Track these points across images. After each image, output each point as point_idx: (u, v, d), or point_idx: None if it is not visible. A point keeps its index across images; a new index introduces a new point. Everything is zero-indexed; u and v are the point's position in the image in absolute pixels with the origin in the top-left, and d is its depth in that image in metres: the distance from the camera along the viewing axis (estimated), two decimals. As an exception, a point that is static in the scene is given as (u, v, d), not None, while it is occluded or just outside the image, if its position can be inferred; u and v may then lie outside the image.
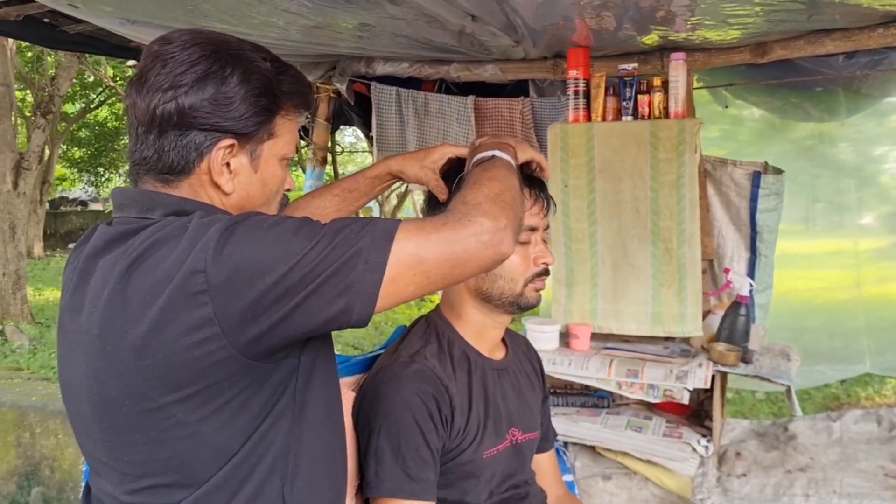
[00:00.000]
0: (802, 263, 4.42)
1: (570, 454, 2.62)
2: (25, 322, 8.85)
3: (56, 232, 21.42)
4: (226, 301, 0.97)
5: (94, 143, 20.70)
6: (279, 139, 1.17)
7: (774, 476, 2.48)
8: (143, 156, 1.11)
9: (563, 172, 2.74)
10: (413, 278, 1.04)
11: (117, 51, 3.11)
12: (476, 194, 1.13)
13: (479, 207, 1.09)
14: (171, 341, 0.98)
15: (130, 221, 1.09)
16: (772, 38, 2.58)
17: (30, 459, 3.58)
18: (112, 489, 1.10)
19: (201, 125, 1.09)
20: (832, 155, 4.00)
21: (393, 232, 1.03)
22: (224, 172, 1.12)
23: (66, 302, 1.14)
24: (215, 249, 0.98)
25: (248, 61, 1.12)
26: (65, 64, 10.39)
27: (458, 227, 1.05)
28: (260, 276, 0.98)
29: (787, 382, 2.41)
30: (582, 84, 2.72)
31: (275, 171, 1.19)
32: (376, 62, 3.13)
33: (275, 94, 1.14)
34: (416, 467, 1.34)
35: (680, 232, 2.61)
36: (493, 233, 1.07)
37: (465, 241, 1.05)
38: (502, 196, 1.14)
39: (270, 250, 0.99)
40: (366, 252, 1.01)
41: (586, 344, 2.70)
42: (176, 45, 1.10)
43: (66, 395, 1.16)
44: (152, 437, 1.04)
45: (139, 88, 1.10)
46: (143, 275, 1.00)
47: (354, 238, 1.01)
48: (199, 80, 1.08)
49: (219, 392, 1.02)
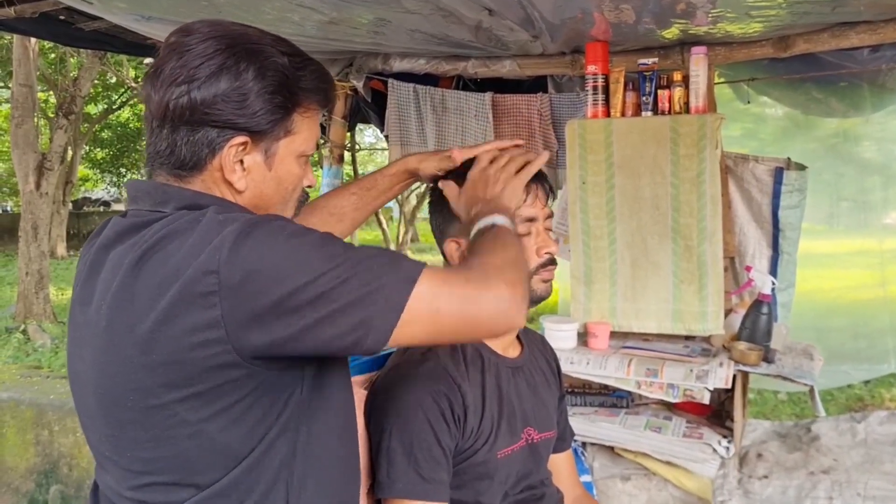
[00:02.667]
0: (826, 263, 4.36)
1: (589, 454, 2.59)
2: (48, 321, 8.95)
3: (79, 232, 21.63)
4: (235, 305, 0.95)
5: (117, 143, 20.92)
6: (297, 136, 1.15)
7: (797, 478, 2.43)
8: (157, 149, 1.10)
9: (581, 169, 2.71)
10: (425, 327, 1.02)
11: (134, 48, 3.12)
12: (495, 259, 1.11)
13: (501, 273, 1.08)
14: (177, 338, 0.96)
15: (143, 214, 1.08)
16: (795, 31, 2.53)
17: (48, 457, 3.59)
18: (116, 484, 1.09)
19: (214, 121, 1.07)
20: (857, 153, 3.94)
21: (416, 276, 1.01)
22: (236, 170, 1.10)
23: (76, 294, 1.13)
24: (230, 251, 0.95)
25: (264, 56, 1.09)
26: (86, 65, 10.49)
27: (480, 289, 1.04)
28: (274, 286, 0.95)
29: (810, 382, 2.37)
30: (601, 79, 2.68)
31: (291, 168, 1.16)
32: (393, 58, 3.11)
33: (292, 90, 1.12)
34: (429, 467, 1.32)
35: (701, 229, 2.57)
36: (510, 301, 1.06)
37: (484, 304, 1.04)
38: (518, 265, 1.13)
39: (288, 260, 0.97)
40: (388, 289, 0.99)
41: (605, 343, 2.66)
42: (194, 37, 1.08)
43: (74, 389, 1.15)
44: (156, 435, 1.02)
45: (154, 81, 1.08)
46: (153, 268, 0.98)
47: (378, 271, 1.00)
48: (212, 74, 1.06)
49: (222, 394, 1.00)
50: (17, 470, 3.65)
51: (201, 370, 0.98)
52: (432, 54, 3.05)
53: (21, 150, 9.15)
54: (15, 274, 11.06)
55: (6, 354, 7.04)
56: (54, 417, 3.57)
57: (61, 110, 10.10)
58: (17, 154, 9.27)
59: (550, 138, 3.15)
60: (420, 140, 3.32)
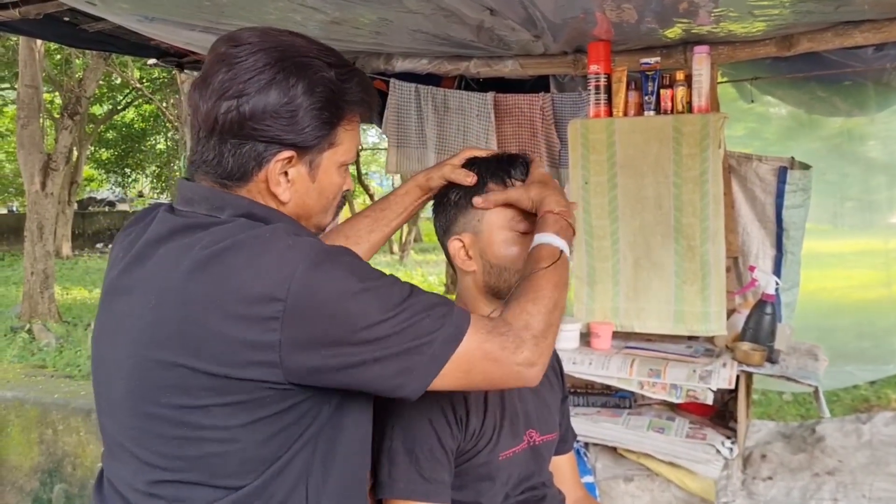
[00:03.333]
0: (831, 263, 4.34)
1: (591, 455, 2.58)
2: (53, 321, 8.97)
3: (84, 232, 21.67)
4: (294, 333, 0.99)
5: (122, 144, 21.00)
6: (340, 147, 1.17)
7: (801, 479, 2.42)
8: (204, 159, 1.11)
9: (583, 169, 2.70)
10: (457, 381, 1.09)
11: (137, 49, 3.13)
12: (539, 317, 1.15)
13: (536, 343, 1.13)
14: (230, 352, 0.99)
15: (198, 216, 1.10)
16: (798, 30, 2.52)
17: (52, 456, 3.60)
18: (130, 477, 1.09)
19: (261, 136, 1.08)
20: (861, 152, 3.93)
21: (463, 334, 1.08)
22: (281, 182, 1.12)
23: (113, 281, 1.14)
24: (301, 282, 0.98)
25: (313, 71, 1.10)
26: (92, 66, 10.52)
27: (512, 354, 1.10)
28: (334, 323, 1.00)
29: (815, 383, 2.36)
30: (603, 79, 2.67)
31: (333, 179, 1.18)
32: (395, 58, 3.10)
33: (338, 105, 1.13)
34: (430, 468, 1.31)
35: (703, 229, 2.56)
36: (530, 369, 1.12)
37: (508, 367, 1.11)
38: (556, 325, 1.18)
39: (353, 301, 1.01)
40: (436, 345, 1.05)
41: (607, 343, 2.65)
42: (243, 49, 1.09)
43: (98, 374, 1.16)
44: (184, 434, 1.04)
45: (203, 91, 1.09)
46: (215, 278, 1.00)
47: (431, 325, 1.06)
48: (262, 89, 1.07)
49: (260, 406, 1.03)
50: (21, 469, 3.65)
51: (247, 384, 1.00)
52: (434, 54, 3.05)
53: (27, 151, 9.17)
54: (20, 273, 11.09)
55: (11, 354, 7.05)
56: (58, 416, 3.58)
57: (66, 111, 10.13)
58: (22, 154, 9.29)
59: (553, 138, 3.14)
60: (419, 141, 3.32)
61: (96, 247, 21.06)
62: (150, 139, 21.61)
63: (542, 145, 3.15)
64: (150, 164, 22.84)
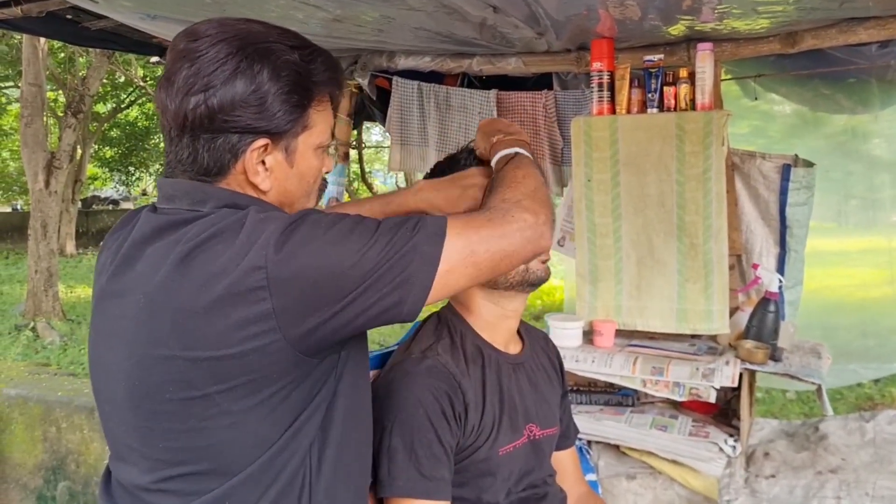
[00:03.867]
0: (835, 261, 4.33)
1: (594, 453, 2.58)
2: (57, 319, 8.98)
3: (88, 230, 21.69)
4: (285, 297, 0.99)
5: (125, 142, 21.00)
6: (314, 129, 1.16)
7: (804, 477, 2.41)
8: (179, 158, 1.11)
9: (586, 167, 2.70)
10: (465, 270, 1.09)
11: (140, 47, 3.13)
12: (514, 192, 1.18)
13: (520, 205, 1.15)
14: (225, 333, 0.99)
15: (180, 212, 1.09)
16: (802, 27, 2.51)
17: (56, 454, 3.61)
18: (137, 477, 1.10)
19: (234, 127, 1.07)
20: (865, 150, 3.91)
21: (444, 227, 1.08)
22: (259, 171, 1.11)
23: (103, 286, 1.13)
24: (276, 247, 0.99)
25: (276, 55, 1.09)
26: (95, 64, 10.52)
27: (504, 223, 1.12)
28: (320, 274, 1.00)
29: (818, 381, 2.35)
30: (606, 76, 2.67)
31: (311, 162, 1.18)
32: (398, 56, 3.10)
33: (306, 87, 1.12)
34: (430, 465, 1.32)
35: (706, 227, 2.55)
36: (534, 228, 1.14)
37: (511, 237, 1.12)
38: (538, 193, 1.20)
39: (331, 249, 1.01)
40: (421, 247, 1.05)
41: (610, 341, 2.65)
42: (203, 42, 1.07)
43: (98, 379, 1.16)
44: (191, 426, 1.04)
45: (168, 90, 1.08)
46: (200, 266, 1.00)
47: (409, 234, 1.05)
48: (228, 80, 1.06)
49: (265, 384, 1.03)
50: (25, 466, 3.66)
51: (248, 362, 1.01)
52: (437, 52, 3.04)
53: (30, 149, 9.18)
54: (24, 272, 11.11)
55: (15, 352, 7.06)
56: (62, 414, 3.58)
57: (70, 109, 10.14)
58: (26, 153, 9.30)
59: (555, 135, 3.14)
60: (421, 139, 3.31)
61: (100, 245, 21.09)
62: (154, 137, 21.61)
63: (544, 143, 3.15)
64: (153, 163, 22.85)
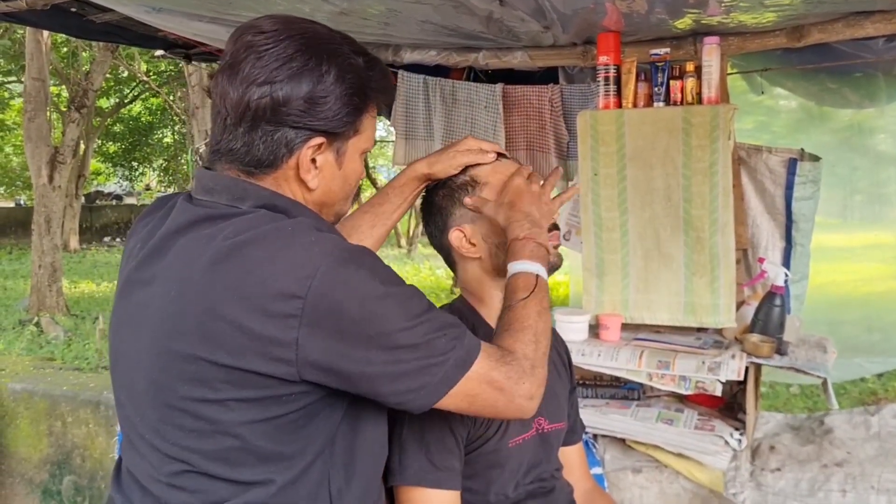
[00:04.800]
0: (840, 257, 4.32)
1: (600, 447, 2.58)
2: (61, 314, 9.01)
3: (91, 226, 21.74)
4: (312, 333, 0.99)
5: (129, 137, 21.04)
6: (363, 134, 1.18)
7: (810, 471, 2.42)
8: (230, 147, 1.11)
9: (592, 161, 2.69)
10: (461, 403, 1.12)
11: (145, 41, 3.12)
12: (533, 350, 1.18)
13: (535, 373, 1.16)
14: (247, 346, 0.99)
15: (218, 206, 1.09)
16: (809, 20, 2.51)
17: (61, 448, 3.62)
18: (151, 468, 1.10)
19: (294, 123, 1.08)
20: (871, 145, 3.90)
21: (474, 359, 1.10)
22: (311, 169, 1.13)
23: (131, 272, 1.13)
24: (322, 281, 0.99)
25: (342, 57, 1.11)
26: (98, 59, 10.53)
27: (515, 385, 1.13)
28: (353, 326, 1.01)
29: (824, 375, 2.35)
30: (612, 70, 2.66)
31: (356, 166, 1.20)
32: (404, 50, 3.10)
33: (365, 92, 1.14)
34: (440, 456, 1.32)
35: (713, 221, 2.55)
36: (529, 401, 1.16)
37: (511, 398, 1.14)
38: (545, 353, 1.22)
39: (375, 305, 1.02)
40: (448, 366, 1.07)
41: (616, 335, 2.65)
42: (269, 36, 1.09)
43: (118, 367, 1.16)
44: (202, 427, 1.04)
45: (232, 78, 1.09)
46: (236, 272, 1.00)
47: (447, 346, 1.08)
48: (294, 75, 1.07)
49: (274, 404, 1.03)
50: (30, 461, 3.67)
51: (261, 380, 1.01)
52: (443, 46, 3.04)
53: (34, 144, 9.21)
54: (28, 267, 11.14)
55: (19, 346, 7.08)
56: (67, 409, 3.59)
57: (73, 104, 10.17)
58: (29, 147, 9.33)
59: (561, 130, 3.13)
60: (426, 133, 3.31)
61: (104, 240, 21.13)
62: (158, 132, 21.65)
63: (550, 137, 3.15)
64: (157, 158, 22.90)
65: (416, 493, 1.31)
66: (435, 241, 1.55)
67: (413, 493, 1.31)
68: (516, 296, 1.26)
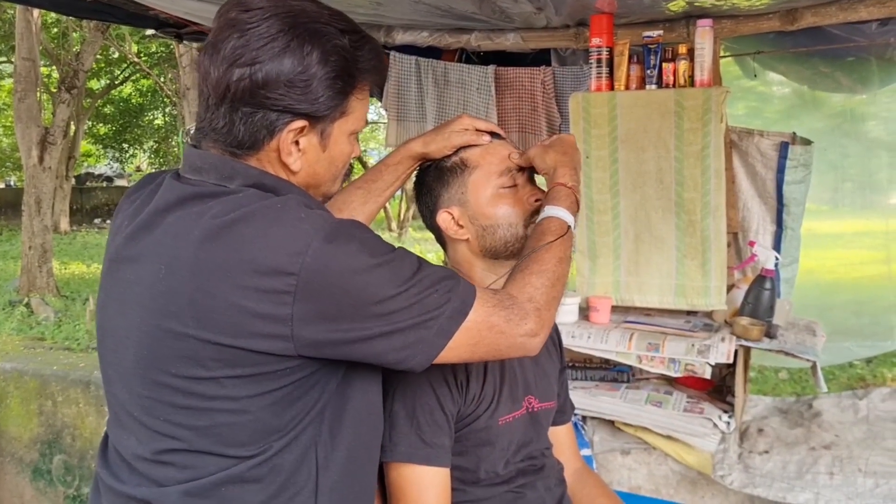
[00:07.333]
0: (830, 243, 4.33)
1: (589, 428, 2.59)
2: (51, 295, 8.96)
3: (82, 207, 21.64)
4: (306, 307, 0.99)
5: (119, 119, 20.89)
6: (351, 116, 1.16)
7: (798, 453, 2.43)
8: (213, 126, 1.10)
9: (584, 143, 2.69)
10: (462, 351, 1.12)
11: (135, 19, 3.09)
12: (542, 294, 1.18)
13: (539, 314, 1.16)
14: (241, 324, 0.99)
15: (206, 185, 1.08)
16: (802, 4, 2.50)
17: (52, 427, 3.61)
18: (137, 446, 1.09)
19: (274, 105, 1.06)
20: (863, 132, 3.90)
21: (469, 307, 1.10)
22: (293, 152, 1.11)
23: (118, 249, 1.12)
24: (314, 257, 0.98)
25: (327, 38, 1.08)
26: (89, 39, 10.44)
27: (514, 325, 1.13)
28: (347, 299, 1.01)
29: (813, 358, 2.36)
30: (605, 52, 2.65)
31: (343, 148, 1.18)
32: (396, 31, 3.08)
33: (352, 74, 1.12)
34: (431, 432, 1.32)
35: (704, 203, 2.55)
36: (532, 338, 1.16)
37: (513, 339, 1.14)
38: (558, 298, 1.22)
39: (366, 277, 1.02)
40: (443, 319, 1.07)
41: (606, 317, 2.66)
42: (255, 14, 1.06)
43: (105, 343, 1.15)
44: (194, 404, 1.04)
45: (213, 57, 1.07)
46: (226, 249, 0.99)
47: (440, 300, 1.08)
48: (276, 56, 1.05)
49: (270, 379, 1.03)
50: (20, 440, 3.67)
51: (256, 357, 1.01)
52: (435, 27, 3.02)
53: (24, 125, 9.13)
54: (18, 248, 11.07)
55: (10, 327, 7.05)
56: (58, 388, 3.58)
57: (64, 84, 10.06)
58: (20, 128, 9.25)
59: (553, 112, 3.13)
60: (419, 115, 3.30)
61: (94, 222, 21.03)
62: (148, 114, 21.50)
63: (542, 119, 3.14)
64: (147, 140, 22.75)
65: (406, 470, 1.31)
66: (427, 222, 1.55)
67: (403, 470, 1.31)
68: (544, 238, 1.26)
